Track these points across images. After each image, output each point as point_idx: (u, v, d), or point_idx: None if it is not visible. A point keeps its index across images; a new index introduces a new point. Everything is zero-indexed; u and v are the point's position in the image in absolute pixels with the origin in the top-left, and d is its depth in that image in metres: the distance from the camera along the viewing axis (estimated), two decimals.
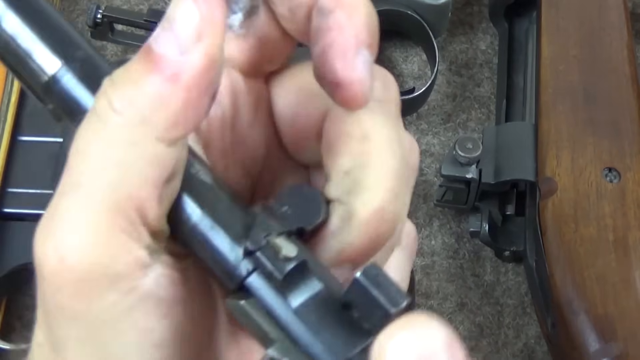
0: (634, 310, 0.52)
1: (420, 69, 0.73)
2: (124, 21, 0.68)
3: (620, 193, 0.56)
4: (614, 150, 0.58)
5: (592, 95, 0.61)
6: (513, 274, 0.64)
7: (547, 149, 0.59)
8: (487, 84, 0.73)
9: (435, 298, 0.63)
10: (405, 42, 0.74)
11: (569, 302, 0.53)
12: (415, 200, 0.67)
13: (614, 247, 0.54)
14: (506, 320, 0.63)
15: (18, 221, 0.58)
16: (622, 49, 0.63)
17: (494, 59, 0.73)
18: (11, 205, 0.58)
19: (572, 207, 0.56)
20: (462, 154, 0.59)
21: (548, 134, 0.59)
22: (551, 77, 0.62)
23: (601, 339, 0.52)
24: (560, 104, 0.60)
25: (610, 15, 0.65)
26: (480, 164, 0.60)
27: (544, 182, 0.58)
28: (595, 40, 0.63)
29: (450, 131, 0.70)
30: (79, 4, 0.74)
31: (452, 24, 0.74)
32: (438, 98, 0.72)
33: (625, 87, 0.61)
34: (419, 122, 0.70)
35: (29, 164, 0.60)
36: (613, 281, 0.53)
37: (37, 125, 0.61)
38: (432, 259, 0.64)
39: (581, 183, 0.57)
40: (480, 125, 0.70)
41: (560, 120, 0.60)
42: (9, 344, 0.57)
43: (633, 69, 0.62)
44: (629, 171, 0.57)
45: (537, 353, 0.62)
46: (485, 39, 0.75)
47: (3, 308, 0.59)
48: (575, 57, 0.63)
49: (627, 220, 0.55)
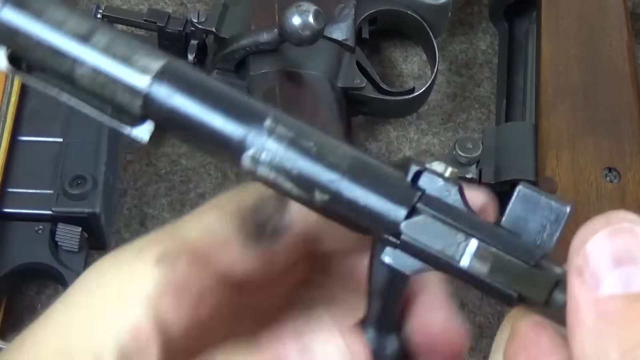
0: None
1: (420, 69, 0.73)
2: (124, 21, 0.68)
3: (620, 193, 0.56)
4: (614, 150, 0.58)
5: (592, 95, 0.61)
6: None
7: (547, 148, 0.59)
8: (487, 84, 0.73)
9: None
10: (405, 42, 0.74)
11: None
12: None
13: None
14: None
15: (18, 221, 0.58)
16: (622, 49, 0.63)
17: (494, 59, 0.73)
18: (11, 205, 0.58)
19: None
20: (462, 154, 0.59)
21: (548, 134, 0.59)
22: (551, 77, 0.62)
23: None
24: (560, 104, 0.60)
25: (610, 15, 0.65)
26: (480, 164, 0.60)
27: (544, 182, 0.58)
28: (595, 40, 0.63)
29: (450, 131, 0.70)
30: (79, 4, 0.74)
31: (452, 24, 0.74)
32: (438, 98, 0.72)
33: (625, 87, 0.61)
34: (419, 122, 0.70)
35: (29, 164, 0.60)
36: None
37: (37, 125, 0.61)
38: None
39: (581, 183, 0.57)
40: (480, 125, 0.70)
41: (560, 120, 0.60)
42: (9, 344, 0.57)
43: (633, 69, 0.62)
44: (629, 171, 0.57)
45: None
46: (485, 39, 0.75)
47: (3, 308, 0.59)
48: (575, 57, 0.63)
49: None
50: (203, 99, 0.28)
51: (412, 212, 0.27)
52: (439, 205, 0.27)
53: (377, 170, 0.27)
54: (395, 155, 0.69)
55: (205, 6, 0.74)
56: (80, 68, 0.28)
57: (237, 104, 0.28)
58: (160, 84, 0.28)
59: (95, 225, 0.58)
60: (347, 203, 0.27)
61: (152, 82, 0.28)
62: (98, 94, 0.28)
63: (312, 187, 0.27)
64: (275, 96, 0.62)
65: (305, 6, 0.58)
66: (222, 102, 0.28)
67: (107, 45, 0.28)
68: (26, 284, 0.61)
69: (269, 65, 0.64)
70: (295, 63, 0.64)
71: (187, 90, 0.28)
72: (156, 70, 0.28)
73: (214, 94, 0.28)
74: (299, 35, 0.59)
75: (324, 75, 0.64)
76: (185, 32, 0.67)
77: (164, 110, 0.28)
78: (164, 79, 0.28)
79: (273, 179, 0.27)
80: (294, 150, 0.27)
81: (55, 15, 0.28)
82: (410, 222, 0.26)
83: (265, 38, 0.62)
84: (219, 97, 0.28)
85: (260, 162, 0.27)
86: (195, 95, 0.28)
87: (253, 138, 0.27)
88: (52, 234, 0.58)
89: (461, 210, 0.27)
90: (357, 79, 0.66)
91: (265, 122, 0.27)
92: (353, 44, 0.66)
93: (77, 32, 0.28)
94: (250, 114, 0.28)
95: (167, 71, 0.28)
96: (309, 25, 0.58)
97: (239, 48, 0.64)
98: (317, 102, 0.63)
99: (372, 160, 0.28)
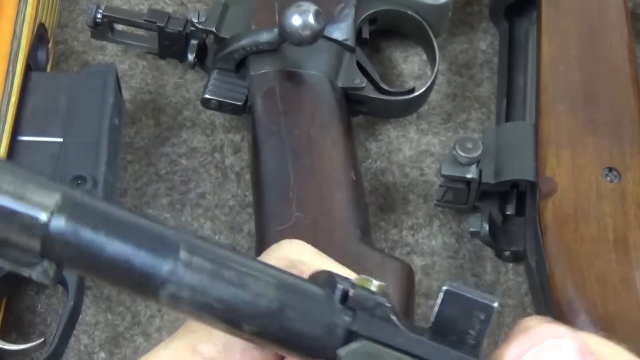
0: (634, 310, 0.52)
1: (420, 69, 0.73)
2: (124, 21, 0.68)
3: (620, 193, 0.56)
4: (614, 150, 0.58)
5: (592, 95, 0.61)
6: (513, 274, 0.64)
7: (547, 148, 0.59)
8: (487, 84, 0.73)
9: (435, 298, 0.63)
10: (405, 42, 0.74)
11: (569, 302, 0.53)
12: (415, 200, 0.67)
13: (614, 247, 0.54)
14: (506, 320, 0.63)
15: None
16: (622, 49, 0.63)
17: (494, 59, 0.73)
18: None
19: (572, 207, 0.56)
20: (462, 154, 0.59)
21: (548, 134, 0.59)
22: (551, 77, 0.62)
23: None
24: (560, 104, 0.60)
25: (610, 15, 0.65)
26: (481, 164, 0.60)
27: (544, 182, 0.58)
28: (595, 40, 0.63)
29: (450, 131, 0.70)
30: (79, 4, 0.74)
31: (452, 24, 0.74)
32: (438, 98, 0.72)
33: (625, 87, 0.61)
34: (419, 122, 0.70)
35: (29, 164, 0.59)
36: (613, 281, 0.53)
37: (37, 125, 0.61)
38: (433, 259, 0.64)
39: (581, 183, 0.57)
40: (480, 125, 0.70)
41: (560, 120, 0.60)
42: (9, 344, 0.57)
43: (633, 69, 0.62)
44: (629, 171, 0.57)
45: None
46: (485, 39, 0.75)
47: (3, 308, 0.59)
48: (575, 57, 0.63)
49: (627, 220, 0.55)
50: (110, 232, 0.25)
51: (348, 337, 0.26)
52: (372, 324, 0.26)
53: (306, 295, 0.26)
54: (395, 155, 0.69)
55: (205, 6, 0.74)
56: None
57: (148, 233, 0.26)
58: (59, 220, 0.25)
59: None
60: (278, 334, 0.26)
61: (49, 218, 0.25)
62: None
63: (239, 320, 0.26)
64: (275, 96, 0.62)
65: (305, 6, 0.58)
66: (132, 233, 0.25)
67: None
68: (26, 284, 0.61)
69: (269, 65, 0.64)
70: (295, 63, 0.64)
71: (90, 223, 0.25)
72: (53, 205, 0.25)
73: (122, 224, 0.25)
74: (299, 35, 0.59)
75: (324, 75, 0.64)
76: (185, 32, 0.67)
77: (65, 248, 0.25)
78: (63, 214, 0.25)
79: (196, 315, 0.26)
80: (215, 284, 0.25)
81: None
82: (348, 351, 0.25)
83: (266, 38, 0.62)
84: (128, 228, 0.25)
85: (179, 299, 0.25)
86: (101, 228, 0.25)
87: (169, 273, 0.25)
88: None
89: (394, 324, 0.26)
90: (357, 79, 0.66)
91: (180, 254, 0.25)
92: (353, 44, 0.66)
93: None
94: (165, 243, 0.26)
95: (65, 204, 0.25)
96: (309, 25, 0.58)
97: (239, 48, 0.64)
98: (317, 102, 0.63)
99: (299, 282, 0.26)
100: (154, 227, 0.26)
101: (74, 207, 0.25)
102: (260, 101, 0.62)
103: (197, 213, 0.65)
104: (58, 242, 0.25)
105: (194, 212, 0.65)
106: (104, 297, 0.62)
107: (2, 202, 0.24)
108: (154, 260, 0.25)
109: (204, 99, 0.65)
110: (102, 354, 0.60)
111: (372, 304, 0.26)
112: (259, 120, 0.62)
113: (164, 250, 0.25)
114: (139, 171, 0.67)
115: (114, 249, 0.25)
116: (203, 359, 0.29)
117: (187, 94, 0.70)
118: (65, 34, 0.73)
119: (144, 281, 0.25)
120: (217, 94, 0.64)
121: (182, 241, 0.26)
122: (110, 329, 0.61)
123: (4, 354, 0.57)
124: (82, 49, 0.72)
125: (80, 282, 0.57)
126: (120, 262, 0.25)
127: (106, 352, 0.60)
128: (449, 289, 0.26)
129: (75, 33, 0.73)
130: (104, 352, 0.60)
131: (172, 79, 0.71)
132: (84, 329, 0.61)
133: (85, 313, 0.61)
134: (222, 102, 0.64)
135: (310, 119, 0.61)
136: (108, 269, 0.25)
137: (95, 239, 0.25)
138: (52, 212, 0.25)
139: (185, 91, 0.71)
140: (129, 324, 0.61)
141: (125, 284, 0.26)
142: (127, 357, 0.60)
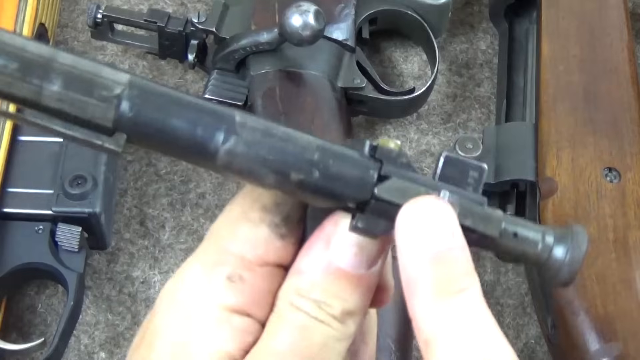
0: (634, 310, 0.52)
1: (420, 69, 0.73)
2: (124, 21, 0.68)
3: (620, 193, 0.56)
4: (614, 150, 0.58)
5: (592, 95, 0.61)
6: (513, 274, 0.64)
7: (547, 149, 0.59)
8: (487, 84, 0.73)
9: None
10: (405, 42, 0.74)
11: (569, 302, 0.53)
12: None
13: (614, 247, 0.54)
14: (506, 320, 0.63)
15: (18, 221, 0.58)
16: (622, 49, 0.63)
17: (494, 59, 0.73)
18: (11, 205, 0.58)
19: (572, 207, 0.56)
20: (462, 154, 0.59)
21: (548, 134, 0.59)
22: (551, 77, 0.62)
23: (601, 339, 0.52)
24: (560, 104, 0.60)
25: (610, 15, 0.65)
26: None
27: (544, 182, 0.58)
28: (595, 40, 0.63)
29: (450, 131, 0.70)
30: (79, 4, 0.74)
31: (452, 24, 0.75)
32: (438, 98, 0.72)
33: (625, 87, 0.61)
34: (419, 122, 0.70)
35: (29, 164, 0.60)
36: (613, 281, 0.53)
37: None
38: None
39: (581, 183, 0.57)
40: (480, 125, 0.70)
41: (560, 120, 0.60)
42: (9, 344, 0.57)
43: (633, 69, 0.62)
44: (629, 171, 0.57)
45: (537, 353, 0.62)
46: (485, 39, 0.75)
47: (3, 308, 0.59)
48: (575, 57, 0.63)
49: (627, 220, 0.55)
50: (174, 104, 0.29)
51: (380, 178, 0.30)
52: (398, 169, 0.31)
53: (342, 149, 0.31)
54: None
55: (205, 6, 0.74)
56: (49, 87, 0.28)
57: (206, 106, 0.30)
58: (131, 95, 0.29)
59: (95, 225, 0.58)
60: (320, 182, 0.30)
61: (122, 91, 0.29)
62: (66, 112, 0.29)
63: (288, 169, 0.30)
64: (275, 96, 0.62)
65: (305, 6, 0.58)
66: (191, 105, 0.30)
67: (73, 63, 0.29)
68: (26, 284, 0.62)
69: (269, 65, 0.64)
70: (295, 63, 0.64)
71: (157, 98, 0.29)
72: (126, 81, 0.29)
73: (182, 99, 0.30)
74: (299, 35, 0.59)
75: (324, 75, 0.64)
76: (185, 32, 0.67)
77: (139, 120, 0.29)
78: (134, 89, 0.29)
79: (249, 169, 0.30)
80: (267, 139, 0.30)
81: (14, 40, 0.28)
82: (382, 187, 0.30)
83: (266, 38, 0.62)
84: (187, 101, 0.30)
85: (237, 154, 0.29)
86: (166, 101, 0.29)
87: (227, 133, 0.29)
88: (52, 234, 0.58)
89: (414, 169, 0.31)
90: (357, 79, 0.66)
91: (236, 118, 0.30)
92: (353, 44, 0.66)
93: (41, 54, 0.28)
94: (220, 113, 0.30)
95: (135, 83, 0.29)
96: (309, 26, 0.58)
97: (239, 48, 0.64)
98: (317, 102, 0.63)
99: (334, 143, 0.31)
100: (212, 103, 0.30)
101: (142, 85, 0.29)
102: (260, 101, 0.62)
103: (197, 213, 0.65)
104: (128, 113, 0.29)
105: (194, 212, 0.65)
106: (104, 297, 0.62)
107: (85, 77, 0.28)
108: (215, 121, 0.29)
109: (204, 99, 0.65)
110: (102, 354, 0.60)
111: (395, 155, 0.31)
112: None
113: (222, 115, 0.30)
114: (139, 171, 0.67)
115: (179, 113, 0.29)
116: (231, 254, 0.32)
117: None
118: (65, 34, 0.73)
119: (205, 140, 0.29)
120: (217, 94, 0.64)
121: (236, 111, 0.30)
122: (110, 329, 0.61)
123: (4, 354, 0.57)
124: (82, 49, 0.72)
125: (80, 282, 0.57)
126: (183, 127, 0.29)
127: (106, 352, 0.60)
128: (448, 155, 0.31)
129: (75, 33, 0.73)
130: (104, 352, 0.60)
131: (172, 79, 0.71)
132: (84, 329, 0.61)
133: (85, 313, 0.61)
134: (222, 102, 0.64)
135: (310, 119, 0.61)
136: (174, 133, 0.29)
137: (164, 104, 0.29)
138: (124, 87, 0.29)
139: (185, 91, 0.70)
140: (129, 324, 0.61)
141: (186, 145, 0.29)
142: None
